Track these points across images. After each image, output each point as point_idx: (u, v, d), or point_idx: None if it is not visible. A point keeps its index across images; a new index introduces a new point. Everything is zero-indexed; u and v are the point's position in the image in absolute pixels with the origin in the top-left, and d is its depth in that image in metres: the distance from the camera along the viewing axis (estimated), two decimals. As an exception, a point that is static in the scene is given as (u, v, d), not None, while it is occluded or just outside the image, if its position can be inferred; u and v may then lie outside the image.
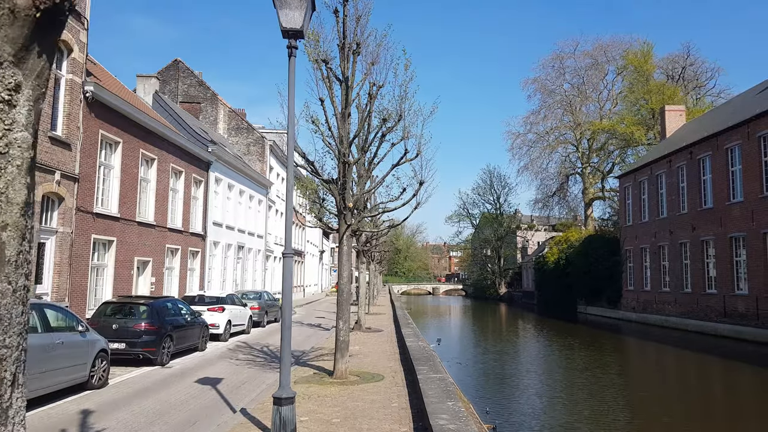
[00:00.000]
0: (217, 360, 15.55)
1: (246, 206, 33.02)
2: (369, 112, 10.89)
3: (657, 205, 39.51)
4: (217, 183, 28.81)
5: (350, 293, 10.90)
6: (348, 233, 11.33)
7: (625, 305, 43.73)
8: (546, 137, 63.67)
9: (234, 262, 30.66)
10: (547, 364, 22.55)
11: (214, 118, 36.28)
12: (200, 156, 26.27)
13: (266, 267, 37.44)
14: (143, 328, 13.98)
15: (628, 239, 44.02)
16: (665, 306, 38.03)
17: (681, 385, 18.48)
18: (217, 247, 28.72)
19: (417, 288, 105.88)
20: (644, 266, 41.43)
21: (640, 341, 32.63)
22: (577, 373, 19.78)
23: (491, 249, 78.44)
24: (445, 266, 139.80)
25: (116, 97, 19.31)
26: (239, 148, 36.48)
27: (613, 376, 19.19)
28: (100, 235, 18.53)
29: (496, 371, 20.49)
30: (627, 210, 44.81)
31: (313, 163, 11.09)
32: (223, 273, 29.22)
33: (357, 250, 20.75)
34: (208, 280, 27.11)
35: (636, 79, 51.74)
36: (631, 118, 50.62)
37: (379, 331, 20.84)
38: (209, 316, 18.86)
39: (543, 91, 65.86)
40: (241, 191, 32.20)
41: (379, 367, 12.97)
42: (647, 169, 41.04)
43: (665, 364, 23.84)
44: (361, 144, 11.26)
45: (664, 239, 38.25)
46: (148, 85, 27.09)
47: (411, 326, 18.82)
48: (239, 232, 31.69)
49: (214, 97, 36.44)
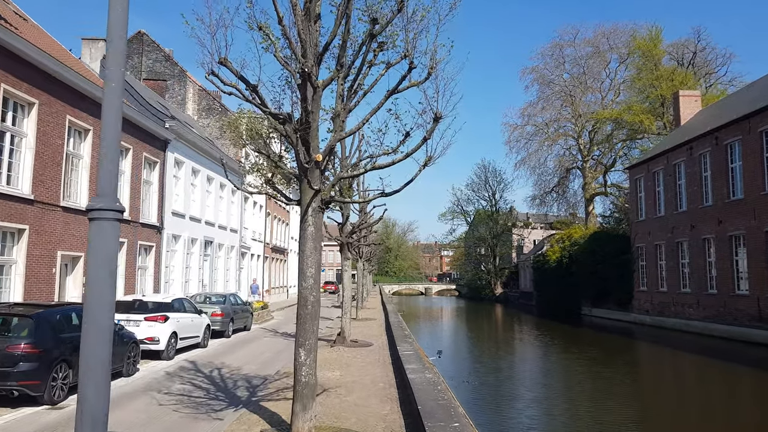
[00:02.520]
0: (140, 394, 10.89)
1: (216, 196, 28.35)
2: (348, 6, 6.32)
3: (675, 198, 35.31)
4: (178, 166, 24.15)
5: (318, 303, 6.18)
6: (315, 205, 6.79)
7: (638, 307, 39.50)
8: (545, 129, 59.44)
9: (200, 260, 25.99)
10: (575, 384, 18.11)
11: (182, 98, 31.58)
12: (155, 132, 21.61)
13: (241, 266, 32.77)
14: (21, 352, 9.38)
15: (640, 235, 39.79)
16: (685, 308, 33.82)
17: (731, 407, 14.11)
18: (177, 242, 24.06)
19: (409, 288, 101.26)
20: (659, 264, 37.23)
21: (674, 351, 28.10)
22: (626, 400, 15.35)
23: (486, 247, 73.99)
24: (437, 266, 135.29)
25: (31, 45, 14.65)
26: (211, 132, 31.83)
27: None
28: (1, 221, 13.87)
29: (511, 391, 16.06)
30: (639, 204, 40.57)
31: (255, 87, 6.47)
32: (186, 272, 24.55)
33: (341, 242, 16.18)
34: (165, 280, 22.45)
35: (644, 65, 47.56)
36: (639, 106, 46.39)
37: (368, 346, 16.27)
38: (147, 327, 14.25)
39: (541, 82, 61.72)
40: (210, 178, 27.52)
41: (366, 420, 8.32)
42: (663, 158, 36.81)
43: (711, 379, 19.44)
44: (336, 58, 6.65)
45: (683, 235, 34.05)
46: (95, 50, 22.38)
47: (409, 340, 14.15)
48: (207, 224, 27.02)
49: (183, 75, 31.73)
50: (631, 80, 50.24)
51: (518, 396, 15.88)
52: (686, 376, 20.55)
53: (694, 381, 19.44)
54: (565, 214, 62.87)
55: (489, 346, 28.95)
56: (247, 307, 22.40)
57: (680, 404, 15.08)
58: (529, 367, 21.91)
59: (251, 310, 23.01)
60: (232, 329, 20.38)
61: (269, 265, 39.75)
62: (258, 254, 36.62)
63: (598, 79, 59.10)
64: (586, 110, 57.09)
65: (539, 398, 15.50)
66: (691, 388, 18.16)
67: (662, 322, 35.78)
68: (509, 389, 17.04)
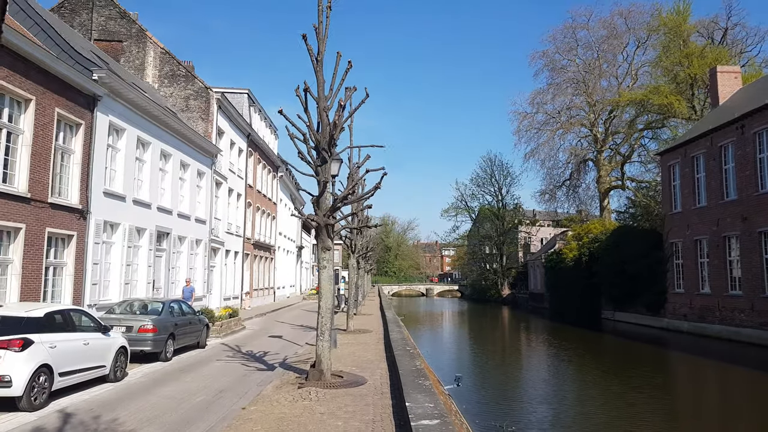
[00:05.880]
0: None
1: (175, 177, 22.37)
2: None
3: (720, 185, 29.50)
4: (116, 134, 18.23)
5: None
6: None
7: (672, 312, 33.64)
8: (557, 117, 53.55)
9: (150, 256, 20.02)
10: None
11: (141, 62, 25.66)
12: (75, 84, 15.71)
13: (212, 264, 26.79)
14: None
15: (674, 230, 33.93)
16: (735, 314, 28.00)
17: None
18: (115, 231, 18.12)
19: (409, 289, 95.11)
20: (700, 263, 31.41)
21: (726, 365, 22.16)
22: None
23: (492, 246, 67.78)
24: (438, 266, 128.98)
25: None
26: (175, 102, 25.87)
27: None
28: None
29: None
30: (673, 194, 34.72)
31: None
32: (128, 272, 18.59)
33: (316, 223, 10.31)
34: (94, 282, 16.51)
35: (671, 41, 41.68)
36: (667, 87, 40.51)
37: (359, 384, 10.10)
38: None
39: (552, 68, 55.87)
40: (165, 154, 21.54)
41: None
42: (705, 140, 30.96)
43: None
44: None
45: (732, 228, 28.28)
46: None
47: (425, 388, 7.73)
48: (161, 212, 21.07)
49: (141, 34, 25.79)
50: (656, 59, 44.34)
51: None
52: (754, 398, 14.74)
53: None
54: (578, 208, 56.87)
55: (516, 365, 23.00)
56: (199, 318, 16.42)
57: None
58: (577, 395, 16.01)
59: (207, 321, 17.04)
60: (174, 348, 14.42)
61: (251, 263, 33.78)
62: (236, 251, 30.62)
63: (614, 63, 53.30)
64: (602, 97, 51.28)
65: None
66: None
67: (703, 329, 30.01)
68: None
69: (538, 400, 15.21)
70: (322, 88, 10.50)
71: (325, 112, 10.42)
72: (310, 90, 10.16)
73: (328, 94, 10.52)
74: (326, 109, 10.45)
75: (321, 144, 10.33)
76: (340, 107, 10.06)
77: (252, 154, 33.55)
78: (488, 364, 22.86)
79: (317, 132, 10.42)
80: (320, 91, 10.48)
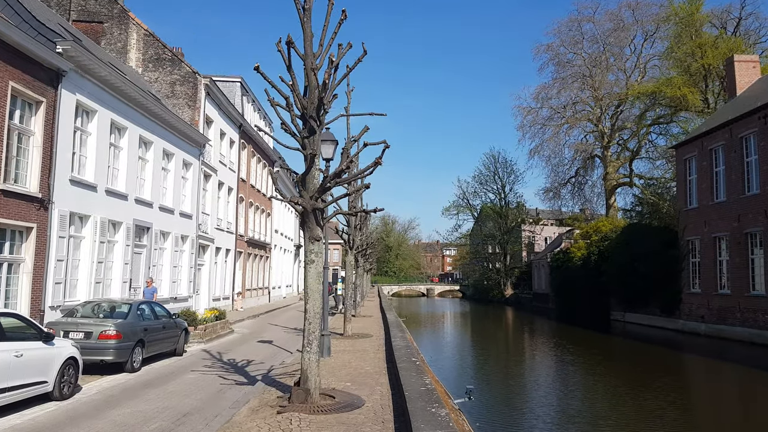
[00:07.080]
0: None
1: (157, 167, 20.33)
2: None
3: (742, 178, 27.57)
4: (86, 116, 16.21)
5: None
6: None
7: (688, 313, 31.66)
8: (562, 112, 51.54)
9: (128, 253, 18.01)
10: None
11: (123, 45, 23.68)
12: (35, 56, 13.70)
13: (200, 262, 24.76)
14: None
15: (691, 226, 31.94)
16: (758, 315, 26.06)
17: None
18: (84, 225, 16.11)
19: (409, 289, 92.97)
20: (719, 261, 29.46)
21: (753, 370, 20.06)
22: None
23: (495, 245, 65.62)
24: (438, 265, 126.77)
25: None
26: (160, 87, 23.86)
27: None
28: None
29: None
30: (688, 189, 32.75)
31: None
32: (99, 270, 16.57)
33: (302, 207, 8.32)
34: (56, 280, 14.49)
35: (683, 31, 39.67)
36: (680, 78, 38.49)
37: (354, 408, 8.16)
38: None
39: (557, 63, 53.92)
40: (146, 141, 19.52)
41: None
42: (724, 131, 28.99)
43: None
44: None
45: (755, 223, 26.34)
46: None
47: (440, 421, 5.74)
48: (140, 204, 19.04)
49: (124, 15, 23.81)
50: (667, 50, 42.34)
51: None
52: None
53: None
54: (584, 206, 54.85)
55: (530, 373, 20.94)
56: (176, 321, 14.39)
57: None
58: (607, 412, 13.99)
59: (185, 325, 15.01)
60: (143, 357, 12.39)
61: (244, 262, 31.74)
62: (227, 248, 28.56)
63: (621, 57, 51.33)
64: (609, 91, 49.30)
65: None
66: None
67: (722, 332, 28.05)
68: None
69: (564, 419, 13.17)
70: (310, 43, 8.51)
71: (314, 71, 8.43)
72: (294, 45, 8.11)
73: (317, 51, 8.52)
74: (315, 68, 8.46)
75: (308, 111, 8.34)
76: (332, 65, 8.05)
77: (245, 146, 31.52)
78: (499, 371, 20.81)
79: (303, 96, 8.42)
80: (307, 46, 8.48)
